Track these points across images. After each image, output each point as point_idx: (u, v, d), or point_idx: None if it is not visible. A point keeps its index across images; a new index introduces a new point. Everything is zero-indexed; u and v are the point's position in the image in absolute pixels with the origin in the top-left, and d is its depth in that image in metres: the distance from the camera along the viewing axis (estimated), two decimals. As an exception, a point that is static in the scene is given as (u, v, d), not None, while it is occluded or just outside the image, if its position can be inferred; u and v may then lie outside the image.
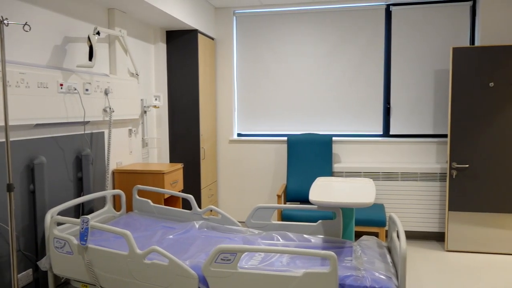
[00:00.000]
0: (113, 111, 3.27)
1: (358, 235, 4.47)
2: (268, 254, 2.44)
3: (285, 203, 4.42)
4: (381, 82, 4.50)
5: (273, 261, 2.35)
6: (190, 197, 3.14)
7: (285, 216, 3.95)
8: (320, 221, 2.80)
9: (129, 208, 3.46)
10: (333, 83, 4.60)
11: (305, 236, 2.72)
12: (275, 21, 4.67)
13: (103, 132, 3.32)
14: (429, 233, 4.38)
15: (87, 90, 2.97)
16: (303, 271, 2.04)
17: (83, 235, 2.39)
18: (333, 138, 4.55)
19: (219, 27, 4.77)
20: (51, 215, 2.57)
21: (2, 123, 2.28)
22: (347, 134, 4.63)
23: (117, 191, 3.19)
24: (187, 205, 4.22)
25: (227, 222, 3.00)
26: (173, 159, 4.36)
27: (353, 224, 2.77)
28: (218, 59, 4.81)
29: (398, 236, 2.26)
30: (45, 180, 2.62)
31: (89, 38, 2.94)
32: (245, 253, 2.45)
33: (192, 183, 4.34)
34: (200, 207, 4.34)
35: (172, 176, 3.53)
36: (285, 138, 4.68)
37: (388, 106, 4.50)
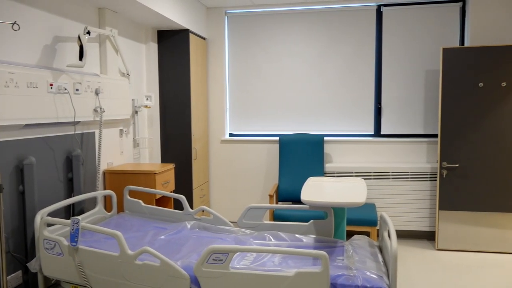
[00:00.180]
0: (103, 111, 3.25)
1: (350, 234, 4.49)
2: (260, 254, 2.44)
3: (277, 203, 4.42)
4: (373, 82, 4.52)
5: (265, 261, 2.35)
6: (182, 197, 3.13)
7: (277, 216, 3.95)
8: (312, 221, 2.81)
9: (120, 209, 3.44)
10: (325, 83, 4.61)
11: (297, 236, 2.73)
12: (267, 21, 4.67)
13: (94, 132, 3.30)
14: (420, 232, 4.42)
15: (77, 90, 2.94)
16: (295, 270, 2.05)
17: (73, 236, 2.37)
18: (325, 138, 4.57)
19: (210, 27, 4.76)
20: (41, 216, 2.54)
21: (-9, 124, 2.26)
22: (338, 134, 4.65)
23: (108, 191, 3.17)
24: (178, 205, 4.21)
25: (219, 222, 3.00)
26: (164, 159, 4.34)
27: (345, 224, 2.78)
28: (210, 59, 4.80)
29: (389, 236, 2.28)
30: (34, 180, 2.59)
31: (79, 37, 2.91)
32: (237, 253, 2.45)
33: (184, 183, 4.33)
34: (192, 207, 4.33)
35: (163, 176, 3.52)
36: (277, 138, 4.68)
37: (379, 106, 4.53)
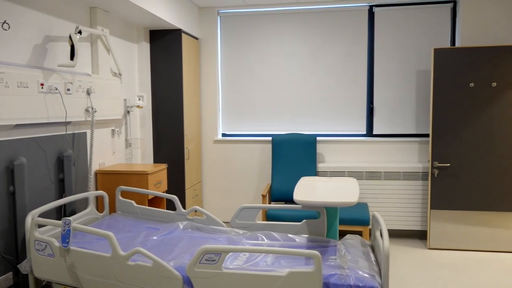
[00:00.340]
0: (95, 111, 3.23)
1: (342, 234, 4.50)
2: (252, 254, 2.44)
3: (269, 203, 4.43)
4: (365, 82, 4.54)
5: (258, 261, 2.35)
6: (174, 197, 3.12)
7: (269, 216, 3.96)
8: (304, 220, 2.82)
9: (112, 210, 3.42)
10: (317, 83, 4.62)
11: (289, 235, 2.73)
12: (260, 21, 4.67)
13: (85, 132, 3.27)
14: (411, 231, 4.44)
15: (68, 90, 2.92)
16: (288, 270, 2.05)
17: (65, 237, 2.35)
18: (317, 138, 4.58)
19: (203, 27, 4.75)
20: (31, 217, 2.52)
21: (-19, 124, 2.23)
22: (331, 134, 4.66)
23: (100, 192, 3.15)
24: (171, 205, 4.19)
25: (211, 223, 2.99)
26: (157, 159, 4.33)
27: (337, 223, 2.79)
28: (203, 59, 4.79)
29: (381, 235, 2.29)
30: (25, 181, 2.57)
31: (70, 37, 2.89)
32: (230, 254, 2.45)
33: (177, 183, 4.32)
34: (184, 207, 4.32)
35: (156, 176, 3.50)
36: (270, 138, 4.69)
37: (372, 106, 4.55)
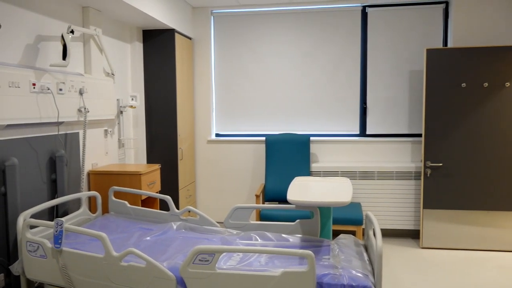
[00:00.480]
0: (88, 111, 3.21)
1: (336, 233, 4.51)
2: (246, 254, 2.44)
3: (263, 203, 4.43)
4: (358, 83, 4.56)
5: (252, 261, 2.35)
6: (168, 198, 3.11)
7: (263, 216, 3.96)
8: (298, 220, 2.82)
9: (105, 210, 3.41)
10: (311, 84, 4.63)
11: (283, 235, 2.73)
12: (253, 21, 4.67)
13: (78, 132, 3.26)
14: (404, 230, 4.47)
15: (61, 90, 2.90)
16: (281, 270, 2.05)
17: (57, 238, 2.34)
18: (311, 138, 4.59)
19: (196, 26, 4.75)
20: (23, 218, 2.50)
21: (-29, 124, 2.21)
22: (324, 134, 4.68)
23: (93, 192, 3.13)
24: (164, 206, 4.18)
25: (205, 223, 2.99)
26: (150, 159, 4.31)
27: (331, 223, 2.80)
28: (196, 59, 4.78)
29: (374, 234, 2.30)
30: (17, 182, 2.55)
31: (62, 36, 2.87)
32: (224, 254, 2.45)
33: (170, 184, 4.30)
34: (178, 208, 4.31)
35: (149, 177, 3.49)
36: (263, 138, 4.69)
37: (365, 106, 4.57)
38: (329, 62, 4.58)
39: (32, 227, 2.67)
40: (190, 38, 4.70)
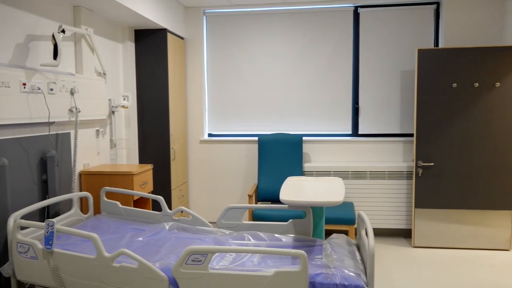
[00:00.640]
0: (79, 111, 3.19)
1: (328, 233, 4.53)
2: (239, 254, 2.44)
3: (256, 203, 4.43)
4: (350, 83, 4.58)
5: (244, 261, 2.35)
6: (160, 198, 3.10)
7: (256, 216, 3.96)
8: (291, 220, 2.82)
9: (97, 211, 3.38)
10: (303, 84, 4.64)
11: (276, 235, 2.73)
12: (246, 21, 4.67)
13: (69, 133, 3.23)
14: (396, 230, 4.49)
15: (51, 89, 2.88)
16: (274, 270, 2.05)
17: (48, 239, 2.32)
18: (304, 138, 4.60)
19: (189, 26, 4.73)
20: (14, 219, 2.48)
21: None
22: (317, 134, 4.69)
23: (84, 193, 3.11)
24: (157, 206, 4.17)
25: (198, 223, 2.98)
26: (142, 160, 4.29)
27: (323, 223, 2.81)
28: (188, 59, 4.77)
29: (366, 234, 2.31)
30: (7, 183, 2.52)
31: (53, 36, 2.85)
32: (216, 254, 2.44)
33: (162, 184, 4.29)
34: (170, 208, 4.29)
35: (141, 177, 3.47)
36: (256, 138, 4.69)
37: (357, 106, 4.59)
38: (321, 62, 4.60)
39: (22, 228, 2.65)
40: (182, 38, 4.68)
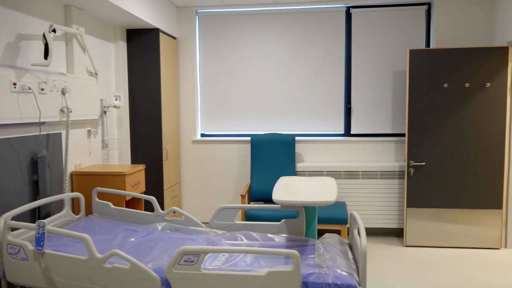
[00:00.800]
0: (70, 111, 3.17)
1: (321, 233, 4.54)
2: (232, 255, 2.43)
3: (249, 203, 4.43)
4: (342, 83, 4.59)
5: (237, 261, 2.34)
6: (152, 198, 3.08)
7: (249, 216, 3.96)
8: (283, 220, 2.83)
9: (89, 212, 3.36)
10: (296, 84, 4.65)
11: (268, 235, 2.73)
12: (238, 21, 4.67)
13: (60, 133, 3.21)
14: (388, 229, 4.52)
15: (42, 89, 2.86)
16: (267, 270, 2.05)
17: (39, 240, 2.30)
18: (296, 138, 4.60)
19: (181, 26, 4.72)
20: (4, 220, 2.45)
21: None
22: (309, 134, 4.70)
23: (76, 194, 3.08)
24: (149, 207, 4.15)
25: (190, 223, 2.97)
26: (134, 160, 4.27)
27: (316, 223, 2.81)
28: (181, 58, 4.76)
29: (359, 233, 2.32)
30: (-3, 183, 2.50)
31: (44, 35, 2.83)
32: (209, 254, 2.44)
33: (155, 184, 4.27)
34: (163, 208, 4.27)
35: (133, 177, 3.46)
36: (249, 138, 4.69)
37: (349, 106, 4.60)
38: (313, 63, 4.61)
39: (13, 229, 2.62)
40: (174, 38, 4.67)
